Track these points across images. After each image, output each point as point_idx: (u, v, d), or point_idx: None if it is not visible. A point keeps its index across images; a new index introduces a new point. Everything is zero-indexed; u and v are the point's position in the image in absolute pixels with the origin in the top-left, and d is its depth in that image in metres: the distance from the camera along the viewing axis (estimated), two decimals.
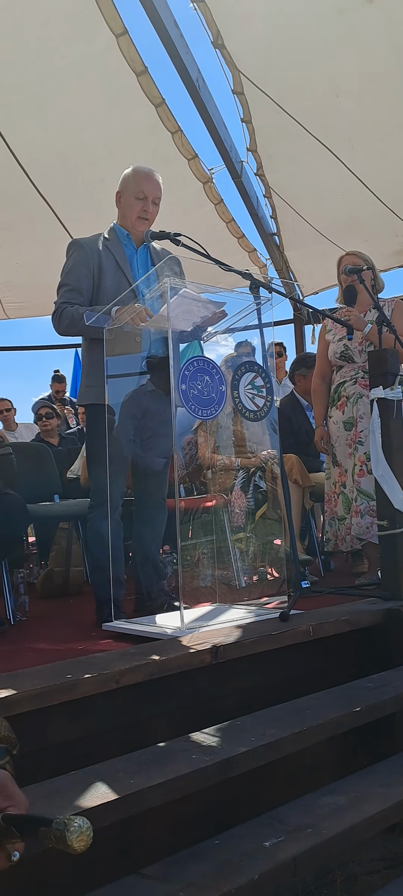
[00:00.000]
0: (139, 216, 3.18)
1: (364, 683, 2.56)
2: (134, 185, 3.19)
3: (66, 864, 1.70)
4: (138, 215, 3.18)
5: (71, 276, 3.16)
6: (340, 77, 5.34)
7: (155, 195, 3.20)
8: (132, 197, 3.19)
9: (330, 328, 4.05)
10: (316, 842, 1.83)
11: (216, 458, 4.04)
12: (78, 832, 0.92)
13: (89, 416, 3.23)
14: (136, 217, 3.19)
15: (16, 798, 1.03)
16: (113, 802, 1.70)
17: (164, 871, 1.75)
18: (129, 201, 3.20)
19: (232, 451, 3.98)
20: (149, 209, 3.19)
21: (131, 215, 3.20)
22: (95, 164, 6.03)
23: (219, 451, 4.01)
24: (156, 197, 3.21)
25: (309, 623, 2.64)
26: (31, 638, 2.98)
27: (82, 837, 0.92)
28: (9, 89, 5.50)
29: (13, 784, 1.04)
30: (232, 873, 1.70)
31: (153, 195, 3.19)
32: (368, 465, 3.61)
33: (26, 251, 6.92)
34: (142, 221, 3.19)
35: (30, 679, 2.07)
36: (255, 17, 5.17)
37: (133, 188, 3.19)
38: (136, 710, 2.21)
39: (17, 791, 1.04)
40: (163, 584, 3.37)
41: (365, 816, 1.97)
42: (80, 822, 0.92)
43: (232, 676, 2.44)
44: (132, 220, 3.20)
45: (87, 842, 0.92)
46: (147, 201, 3.18)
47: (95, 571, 3.15)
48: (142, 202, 3.18)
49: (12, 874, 1.55)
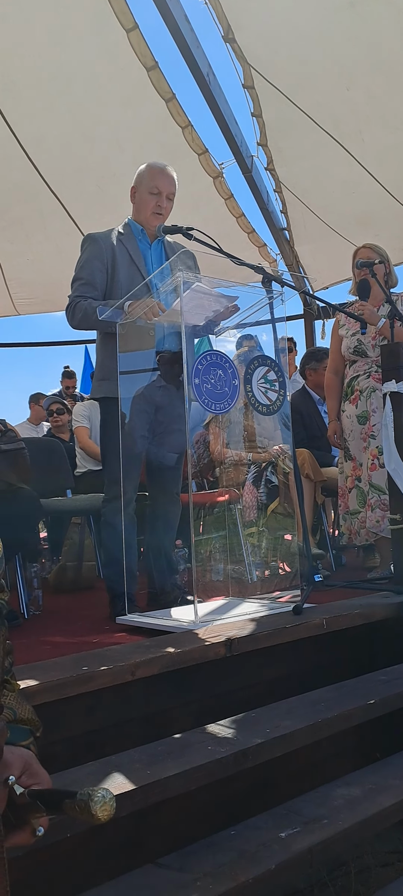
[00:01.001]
0: (153, 211, 3.19)
1: (378, 676, 2.57)
2: (148, 181, 3.20)
3: (82, 853, 1.72)
4: (152, 210, 3.19)
5: (85, 270, 3.17)
6: (351, 70, 5.32)
7: (169, 190, 3.20)
8: (146, 192, 3.20)
9: (343, 323, 4.04)
10: (331, 833, 1.84)
11: (226, 453, 4.06)
12: (101, 802, 0.94)
13: (102, 410, 3.24)
14: (151, 212, 3.19)
15: (40, 776, 1.05)
16: (130, 793, 1.71)
17: (181, 861, 1.76)
18: (144, 197, 3.21)
19: (242, 446, 3.98)
20: (163, 204, 3.19)
21: (145, 210, 3.21)
22: (106, 160, 6.04)
23: (230, 446, 4.02)
24: (171, 192, 3.22)
25: (322, 616, 2.64)
26: (45, 631, 3.00)
27: (106, 807, 0.94)
28: (19, 84, 5.51)
29: (37, 763, 1.07)
30: (249, 863, 1.71)
31: (167, 190, 3.20)
32: (380, 459, 3.61)
33: (37, 247, 6.93)
34: (156, 216, 3.20)
35: (46, 671, 2.09)
36: (266, 11, 5.16)
37: (147, 183, 3.20)
38: (152, 702, 2.22)
39: (40, 769, 1.06)
40: (176, 579, 3.38)
41: (381, 808, 1.98)
42: (104, 792, 0.95)
43: (247, 669, 2.45)
44: (146, 216, 3.21)
45: (111, 812, 0.94)
46: (161, 196, 3.18)
47: (109, 565, 3.16)
48: (157, 197, 3.18)
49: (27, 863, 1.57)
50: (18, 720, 1.10)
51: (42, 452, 4.48)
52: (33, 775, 1.04)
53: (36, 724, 1.13)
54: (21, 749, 1.06)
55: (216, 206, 6.47)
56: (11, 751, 1.03)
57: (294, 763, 2.15)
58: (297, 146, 6.05)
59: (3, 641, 1.05)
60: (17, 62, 5.36)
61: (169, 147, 5.65)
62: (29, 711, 1.13)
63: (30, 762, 1.05)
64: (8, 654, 1.13)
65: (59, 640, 2.82)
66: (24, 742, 1.08)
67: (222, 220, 6.48)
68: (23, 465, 3.17)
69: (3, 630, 1.04)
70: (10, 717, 1.08)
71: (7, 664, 1.12)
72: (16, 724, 1.09)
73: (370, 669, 2.71)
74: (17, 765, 1.02)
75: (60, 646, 2.66)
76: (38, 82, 5.50)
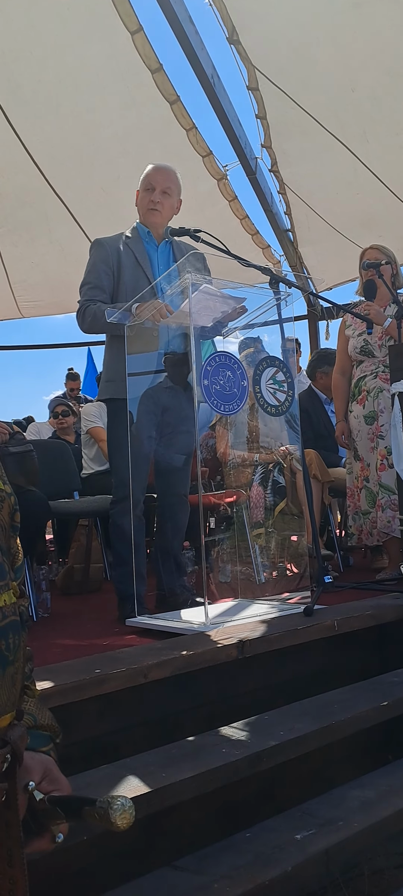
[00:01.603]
0: (148, 207, 3.21)
1: (391, 678, 2.56)
2: (144, 179, 3.25)
3: (97, 857, 1.71)
4: (148, 207, 3.21)
5: (92, 275, 3.20)
6: (355, 72, 5.32)
7: (163, 185, 3.20)
8: (142, 190, 3.25)
9: (349, 323, 4.03)
10: (347, 834, 1.83)
11: (232, 454, 4.05)
12: (121, 810, 0.94)
13: (109, 411, 3.24)
14: (146, 209, 3.21)
15: (60, 782, 1.05)
16: (145, 795, 1.71)
17: (197, 863, 1.76)
18: (141, 195, 3.25)
19: (248, 447, 3.97)
20: (156, 199, 3.19)
21: (143, 208, 3.24)
22: (110, 163, 6.05)
23: (235, 447, 4.01)
24: (166, 186, 3.21)
25: (333, 618, 2.64)
26: (55, 634, 3.00)
27: (125, 815, 0.94)
28: (24, 88, 5.52)
29: (57, 769, 1.07)
30: (265, 865, 1.71)
31: (161, 185, 3.20)
32: (389, 460, 3.60)
33: (42, 250, 6.94)
34: (152, 212, 3.21)
35: (58, 674, 2.08)
36: (270, 13, 5.16)
37: (143, 182, 3.25)
38: (164, 705, 2.21)
39: (60, 776, 1.06)
40: (185, 580, 3.37)
41: (395, 810, 1.98)
42: (123, 800, 0.94)
43: (259, 671, 2.45)
44: (144, 213, 3.23)
45: (130, 820, 0.94)
46: (154, 192, 3.19)
47: (117, 566, 3.16)
48: (150, 193, 3.20)
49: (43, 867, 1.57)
50: (38, 726, 1.10)
51: (49, 454, 4.48)
52: (53, 781, 1.03)
53: (56, 730, 1.12)
54: (41, 755, 1.06)
55: (220, 207, 6.48)
56: (32, 756, 1.02)
57: (307, 765, 2.14)
58: (301, 148, 6.05)
59: (23, 647, 1.04)
60: (22, 67, 5.37)
61: (173, 149, 5.66)
62: (49, 717, 1.12)
63: (50, 768, 1.05)
64: (28, 661, 1.12)
65: (69, 642, 2.81)
66: (44, 748, 1.08)
67: (226, 222, 6.48)
68: (31, 467, 3.17)
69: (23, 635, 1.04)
70: (30, 722, 1.07)
71: (27, 670, 1.11)
72: (36, 730, 1.08)
73: (381, 671, 2.70)
74: (38, 770, 1.02)
75: (70, 648, 2.65)
76: (43, 86, 5.51)
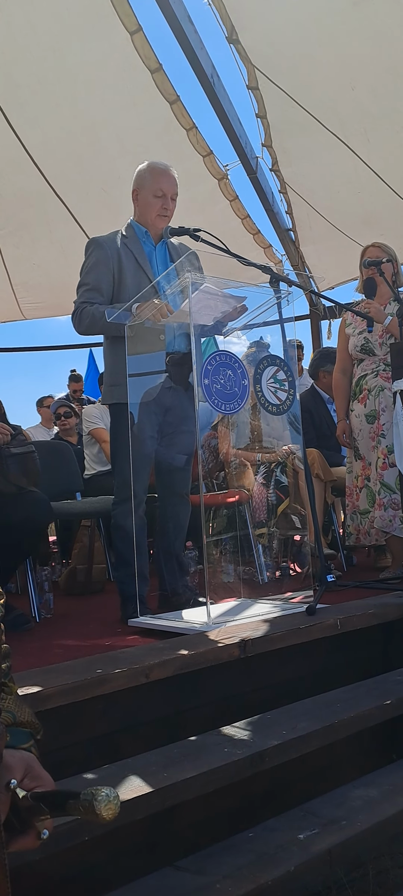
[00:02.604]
0: (159, 214, 3.18)
1: (394, 676, 2.56)
2: (151, 183, 3.17)
3: (99, 857, 1.71)
4: (158, 213, 3.18)
5: (90, 276, 3.15)
6: (355, 70, 5.31)
7: (173, 191, 3.19)
8: (150, 195, 3.17)
9: (350, 322, 4.03)
10: (350, 834, 1.83)
11: (235, 454, 4.04)
12: (106, 801, 0.91)
13: (113, 415, 3.23)
14: (156, 215, 3.18)
15: (42, 778, 1.03)
16: (147, 795, 1.70)
17: (199, 863, 1.75)
18: (148, 199, 3.18)
19: (250, 447, 3.97)
20: (168, 206, 3.18)
21: (150, 213, 3.19)
22: (111, 163, 6.04)
23: (238, 447, 4.01)
24: (174, 193, 3.21)
25: (336, 617, 2.63)
26: (57, 634, 2.99)
27: (110, 806, 0.92)
28: (24, 89, 5.52)
29: (39, 766, 1.05)
30: (268, 865, 1.70)
31: (171, 191, 3.19)
32: (390, 458, 3.59)
33: (43, 251, 6.94)
34: (162, 219, 3.19)
35: (60, 675, 2.08)
36: (270, 12, 5.16)
37: (150, 186, 3.17)
38: (166, 705, 2.21)
39: (42, 771, 1.04)
40: (187, 580, 3.37)
41: (399, 809, 1.97)
42: (108, 791, 0.92)
43: (261, 670, 2.44)
44: (152, 218, 3.19)
45: (115, 811, 0.92)
46: (166, 198, 3.17)
47: (120, 567, 3.15)
48: (162, 199, 3.17)
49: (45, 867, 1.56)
50: (18, 723, 1.08)
51: (51, 455, 4.48)
52: (35, 778, 1.02)
53: (36, 726, 1.11)
54: (22, 752, 1.04)
55: (221, 207, 6.47)
56: (12, 754, 1.01)
57: (310, 764, 2.14)
58: (302, 147, 6.04)
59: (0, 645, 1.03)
60: (21, 67, 5.37)
61: (173, 149, 5.66)
62: (28, 714, 1.11)
63: (31, 765, 1.03)
64: (5, 658, 1.11)
65: (72, 643, 2.81)
66: (25, 745, 1.06)
67: (227, 222, 6.48)
68: (33, 468, 3.16)
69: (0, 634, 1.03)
70: (9, 720, 1.06)
71: (5, 667, 1.10)
72: (15, 728, 1.07)
73: (384, 670, 2.69)
74: (19, 768, 1.01)
75: (73, 649, 2.65)
76: (43, 87, 5.51)
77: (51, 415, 6.72)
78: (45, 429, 7.12)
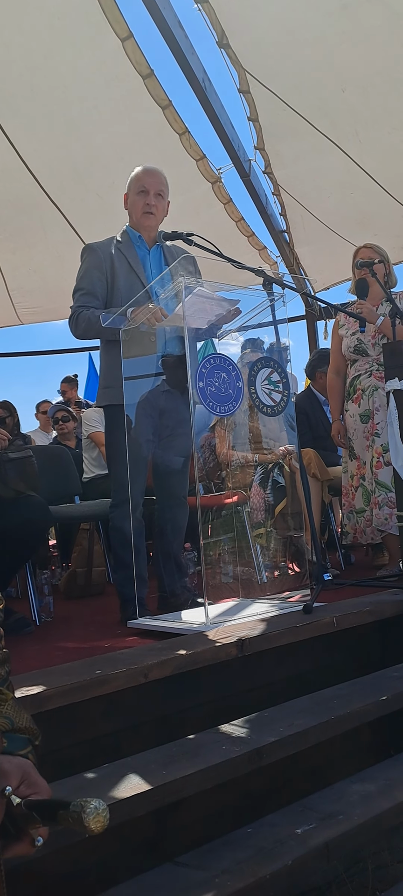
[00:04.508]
0: (143, 210, 3.22)
1: (391, 673, 2.58)
2: (135, 183, 3.25)
3: (100, 853, 1.73)
4: (142, 210, 3.22)
5: (85, 281, 3.20)
6: (346, 72, 5.33)
7: (157, 188, 3.23)
8: (134, 194, 3.25)
9: (343, 323, 4.06)
10: (347, 828, 1.85)
11: (232, 455, 4.07)
12: (94, 813, 0.92)
13: (108, 418, 3.26)
14: (141, 212, 3.22)
15: (39, 785, 1.03)
16: (146, 793, 1.73)
17: (199, 859, 1.78)
18: (133, 199, 3.25)
19: (248, 448, 4.00)
20: (151, 202, 3.21)
21: (136, 212, 3.24)
22: (105, 169, 6.06)
23: (236, 448, 4.03)
24: (159, 189, 3.23)
25: (332, 615, 2.65)
26: (57, 637, 3.02)
27: (98, 818, 0.92)
28: (18, 97, 5.54)
29: (36, 773, 1.05)
30: (267, 860, 1.73)
31: (155, 188, 3.22)
32: (385, 457, 3.63)
33: (39, 257, 6.97)
34: (147, 216, 3.22)
35: (60, 676, 2.10)
36: (259, 16, 5.18)
37: (134, 185, 3.26)
38: (165, 704, 2.23)
39: (39, 779, 1.04)
40: (186, 581, 3.39)
41: (396, 803, 1.99)
42: (97, 803, 0.93)
43: (258, 669, 2.47)
44: (138, 217, 3.24)
45: (104, 823, 0.93)
46: (149, 194, 3.21)
47: (119, 570, 3.18)
48: (144, 195, 3.21)
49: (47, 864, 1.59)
50: (16, 729, 1.08)
51: (50, 459, 4.50)
52: (31, 785, 1.02)
53: (34, 732, 1.11)
54: (19, 758, 1.04)
55: (215, 210, 6.50)
56: (9, 760, 1.01)
57: (308, 761, 2.16)
58: (294, 149, 6.07)
59: None
60: (14, 75, 5.39)
61: (167, 154, 5.68)
62: (27, 720, 1.11)
63: (28, 771, 1.03)
64: (4, 663, 1.11)
65: (72, 645, 2.84)
66: (22, 751, 1.06)
67: (222, 225, 6.51)
68: (31, 472, 3.19)
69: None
70: (6, 726, 1.06)
71: (3, 673, 1.11)
72: (13, 734, 1.07)
73: (381, 667, 2.72)
74: (16, 774, 1.01)
75: (73, 651, 2.67)
76: (36, 95, 5.53)
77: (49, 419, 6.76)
78: (44, 433, 7.16)
